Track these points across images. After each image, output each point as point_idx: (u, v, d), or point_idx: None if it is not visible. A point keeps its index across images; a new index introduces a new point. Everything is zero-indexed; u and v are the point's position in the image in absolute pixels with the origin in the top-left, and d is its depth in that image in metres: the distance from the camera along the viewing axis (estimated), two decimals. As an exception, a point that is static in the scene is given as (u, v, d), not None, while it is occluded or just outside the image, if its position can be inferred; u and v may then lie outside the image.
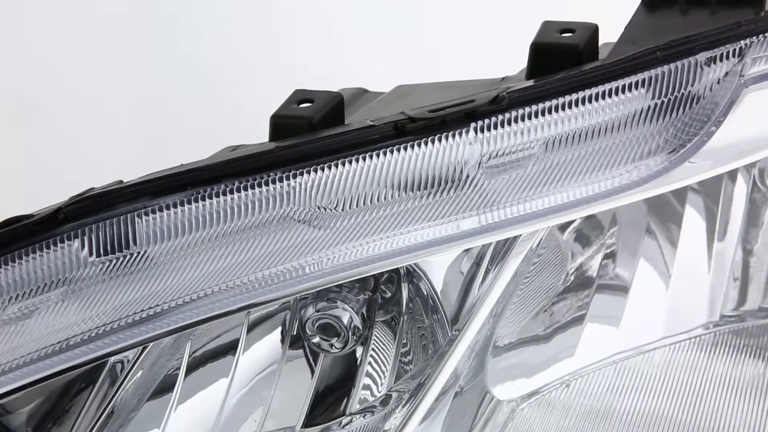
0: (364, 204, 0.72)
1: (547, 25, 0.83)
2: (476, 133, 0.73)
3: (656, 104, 0.75)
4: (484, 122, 0.73)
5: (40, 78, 1.54)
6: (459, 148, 0.73)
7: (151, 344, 0.74)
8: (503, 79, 0.86)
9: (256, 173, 0.71)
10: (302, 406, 0.83)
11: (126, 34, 1.62)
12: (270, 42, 1.38)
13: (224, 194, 0.70)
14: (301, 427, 0.83)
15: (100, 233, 0.70)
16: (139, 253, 0.70)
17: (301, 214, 0.71)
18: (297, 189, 0.71)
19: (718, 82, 0.76)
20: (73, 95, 1.54)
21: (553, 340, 0.90)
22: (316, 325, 0.79)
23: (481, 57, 1.43)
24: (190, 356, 0.79)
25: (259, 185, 0.71)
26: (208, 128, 1.24)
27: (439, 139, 0.72)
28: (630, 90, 0.75)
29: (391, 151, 0.72)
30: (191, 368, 0.80)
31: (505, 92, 0.74)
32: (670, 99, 0.76)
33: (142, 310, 0.71)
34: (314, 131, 0.75)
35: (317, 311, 0.78)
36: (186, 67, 1.28)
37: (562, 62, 0.79)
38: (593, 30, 0.82)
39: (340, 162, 0.71)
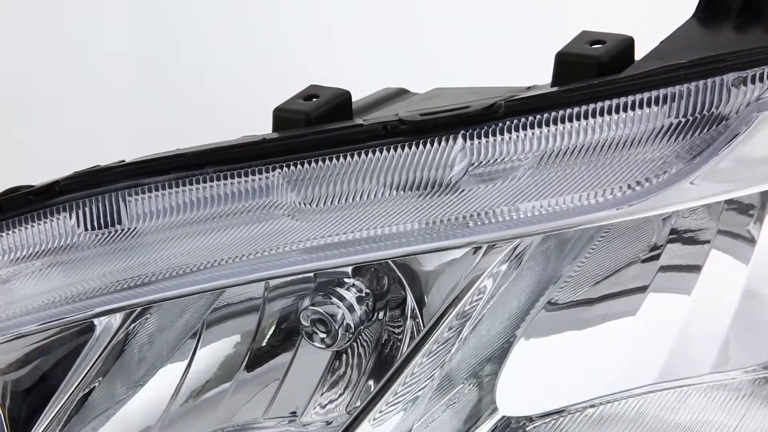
0: (344, 201, 0.69)
1: (581, 35, 0.76)
2: (465, 140, 0.68)
3: (672, 123, 0.68)
4: (474, 129, 0.68)
5: (39, 79, 1.56)
6: (446, 153, 0.68)
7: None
8: (529, 87, 0.80)
9: (236, 163, 0.69)
10: (308, 396, 0.80)
11: (125, 34, 1.60)
12: (270, 42, 1.35)
13: (204, 181, 0.69)
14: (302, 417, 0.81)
15: (87, 209, 0.70)
16: (125, 229, 0.70)
17: (281, 207, 0.69)
18: (275, 182, 0.68)
19: (747, 106, 0.68)
20: (72, 95, 1.56)
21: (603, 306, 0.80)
22: (310, 318, 0.76)
23: (483, 57, 1.39)
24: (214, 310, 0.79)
25: (239, 175, 0.69)
26: (206, 128, 1.22)
27: (424, 143, 0.68)
28: (642, 107, 0.68)
29: (374, 151, 0.68)
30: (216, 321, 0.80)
31: (504, 101, 0.68)
32: (689, 120, 0.68)
33: (124, 279, 0.70)
34: (311, 126, 0.72)
35: (312, 305, 0.75)
36: (185, 68, 1.26)
37: (582, 74, 0.73)
38: (626, 43, 0.75)
39: (321, 158, 0.68)
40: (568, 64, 0.73)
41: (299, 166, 0.68)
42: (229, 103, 1.37)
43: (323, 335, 0.75)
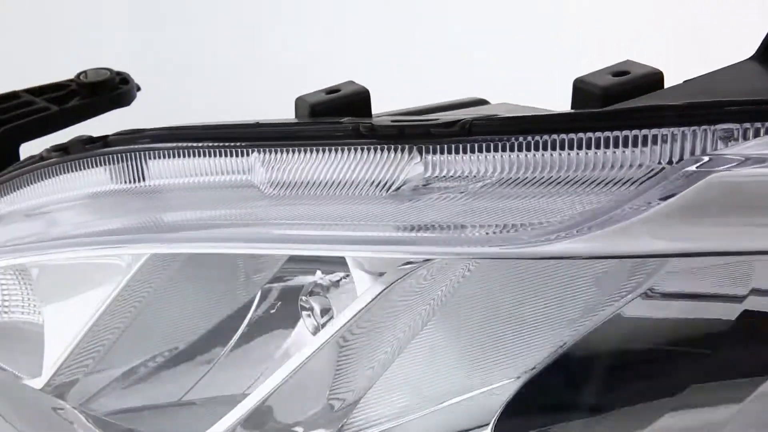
0: (305, 191, 0.71)
1: (619, 64, 0.71)
2: (421, 153, 0.67)
3: (622, 168, 0.62)
4: (430, 144, 0.66)
5: (39, 79, 1.59)
6: (396, 161, 0.67)
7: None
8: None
9: (225, 142, 0.73)
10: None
11: (124, 36, 1.59)
12: (270, 42, 1.28)
13: (201, 155, 0.74)
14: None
15: (122, 164, 0.78)
16: (147, 185, 0.78)
17: (256, 187, 0.73)
18: (252, 164, 0.72)
19: (698, 165, 0.60)
20: None
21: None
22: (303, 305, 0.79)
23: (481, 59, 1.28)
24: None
25: (227, 154, 0.73)
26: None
27: (382, 149, 0.68)
28: (599, 147, 0.62)
29: (335, 150, 0.69)
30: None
31: (473, 119, 0.66)
32: (654, 169, 0.61)
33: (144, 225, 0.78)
34: (315, 117, 0.75)
35: (310, 293, 0.78)
36: (185, 68, 1.22)
37: (587, 103, 0.68)
38: (648, 77, 0.68)
39: (290, 148, 0.71)
40: (578, 91, 0.69)
41: (271, 154, 0.71)
42: (228, 103, 1.38)
43: (312, 322, 0.78)
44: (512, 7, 1.47)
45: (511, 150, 0.64)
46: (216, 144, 0.74)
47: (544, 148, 0.64)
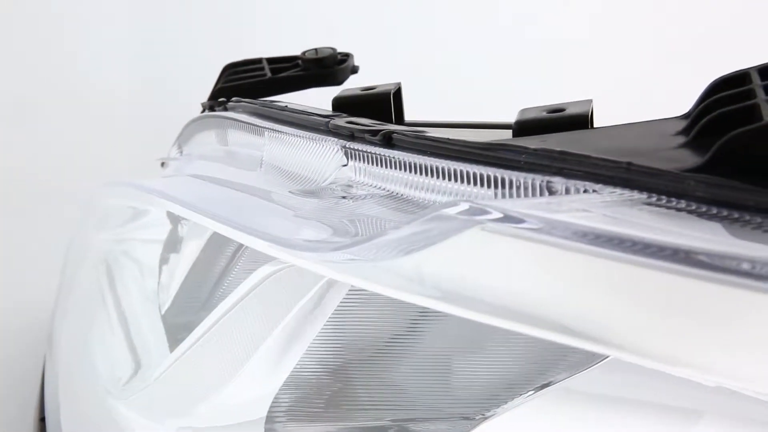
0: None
1: (570, 103, 0.68)
2: (347, 157, 0.71)
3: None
4: (355, 149, 0.70)
5: (39, 79, 1.51)
6: (328, 159, 0.72)
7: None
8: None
9: (265, 120, 0.83)
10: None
11: (125, 35, 1.54)
12: (270, 42, 1.10)
13: (242, 130, 0.85)
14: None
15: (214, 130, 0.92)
16: (227, 149, 0.90)
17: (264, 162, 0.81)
18: (264, 141, 0.81)
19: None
20: (73, 95, 1.51)
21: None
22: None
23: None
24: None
25: (256, 132, 0.83)
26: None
27: (322, 143, 0.73)
28: (452, 178, 0.62)
29: (299, 137, 0.76)
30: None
31: (391, 132, 0.68)
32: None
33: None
34: (333, 110, 0.81)
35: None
36: (185, 68, 1.08)
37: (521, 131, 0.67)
38: (567, 117, 0.65)
39: (278, 131, 0.79)
40: (517, 121, 0.68)
41: (272, 133, 0.80)
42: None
43: None
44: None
45: (401, 168, 0.66)
46: (244, 123, 0.84)
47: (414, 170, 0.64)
